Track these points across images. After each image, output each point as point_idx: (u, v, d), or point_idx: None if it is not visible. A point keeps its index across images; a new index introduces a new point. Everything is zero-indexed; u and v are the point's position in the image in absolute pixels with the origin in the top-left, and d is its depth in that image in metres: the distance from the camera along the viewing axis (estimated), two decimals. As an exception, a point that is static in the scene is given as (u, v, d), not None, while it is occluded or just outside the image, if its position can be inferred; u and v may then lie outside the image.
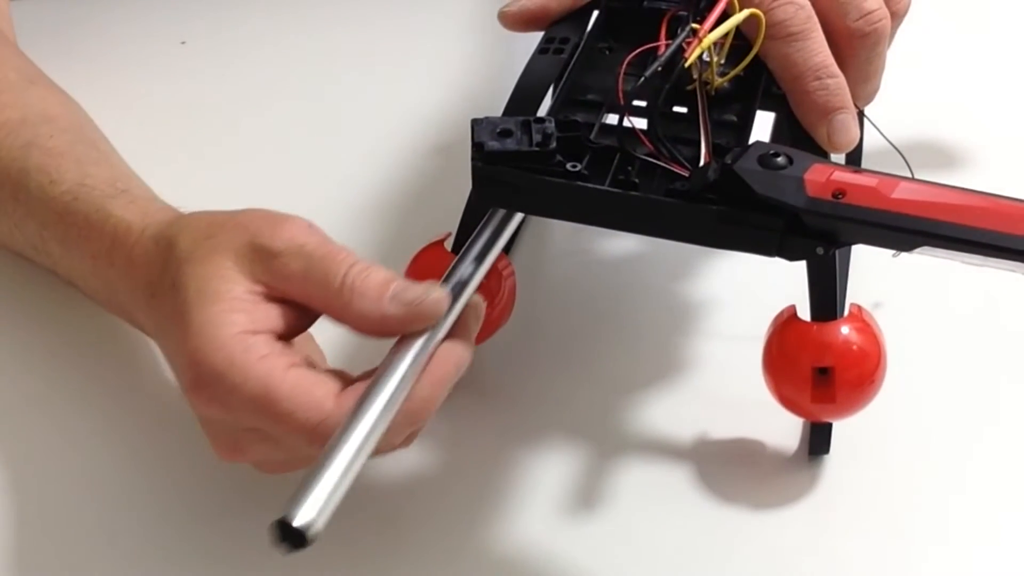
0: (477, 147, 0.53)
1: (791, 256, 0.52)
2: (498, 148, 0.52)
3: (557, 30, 0.61)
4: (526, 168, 0.52)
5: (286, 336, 0.53)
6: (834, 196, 0.50)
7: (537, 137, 0.53)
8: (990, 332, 0.67)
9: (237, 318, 0.52)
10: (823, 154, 0.57)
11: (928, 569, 0.57)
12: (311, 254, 0.53)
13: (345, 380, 0.51)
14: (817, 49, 0.57)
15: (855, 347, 0.57)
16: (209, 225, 0.55)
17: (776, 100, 0.58)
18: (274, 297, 0.53)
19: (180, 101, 0.80)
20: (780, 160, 0.52)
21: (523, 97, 0.57)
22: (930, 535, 0.58)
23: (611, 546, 0.57)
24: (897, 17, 0.60)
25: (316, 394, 0.50)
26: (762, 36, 0.56)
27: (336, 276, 0.52)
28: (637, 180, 0.53)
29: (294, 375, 0.50)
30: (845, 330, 0.57)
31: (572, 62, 0.58)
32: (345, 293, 0.52)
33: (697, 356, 0.66)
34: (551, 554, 0.57)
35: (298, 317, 0.53)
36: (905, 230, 0.50)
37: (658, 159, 0.54)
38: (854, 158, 0.69)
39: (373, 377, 0.50)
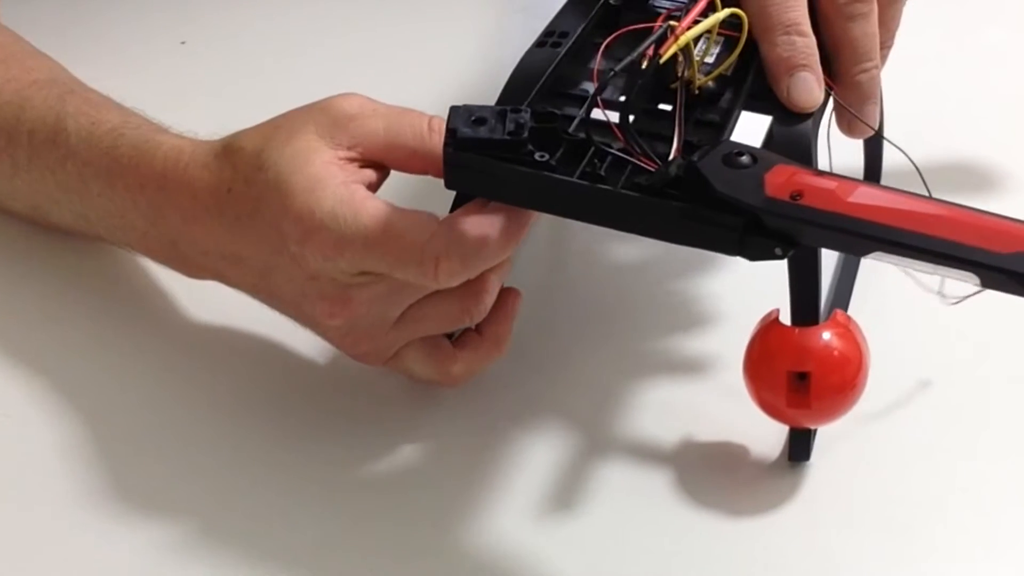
0: (450, 133, 0.53)
1: (752, 256, 0.52)
2: (470, 135, 0.53)
3: (558, 24, 0.61)
4: (496, 156, 0.53)
5: None
6: (792, 197, 0.50)
7: (510, 126, 0.53)
8: (975, 342, 0.66)
9: (336, 172, 0.56)
10: (805, 158, 0.57)
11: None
12: (387, 113, 0.58)
13: None
14: (793, 5, 0.57)
15: (835, 353, 0.57)
16: (268, 123, 0.59)
17: (764, 103, 0.58)
18: (358, 160, 0.57)
19: (180, 101, 0.79)
20: (744, 159, 0.51)
21: (516, 89, 0.58)
22: (909, 548, 0.58)
23: (585, 547, 0.57)
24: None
25: (422, 216, 0.55)
26: (744, 36, 0.56)
27: (421, 125, 0.57)
28: (603, 173, 0.53)
29: (398, 208, 0.55)
30: (826, 336, 0.57)
31: (563, 55, 0.59)
32: (436, 137, 0.57)
33: (690, 359, 0.65)
34: (525, 552, 0.57)
35: (378, 177, 0.58)
36: (858, 234, 0.49)
37: (631, 155, 0.54)
38: (872, 175, 0.69)
39: None
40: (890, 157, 0.69)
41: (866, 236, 0.49)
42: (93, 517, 0.58)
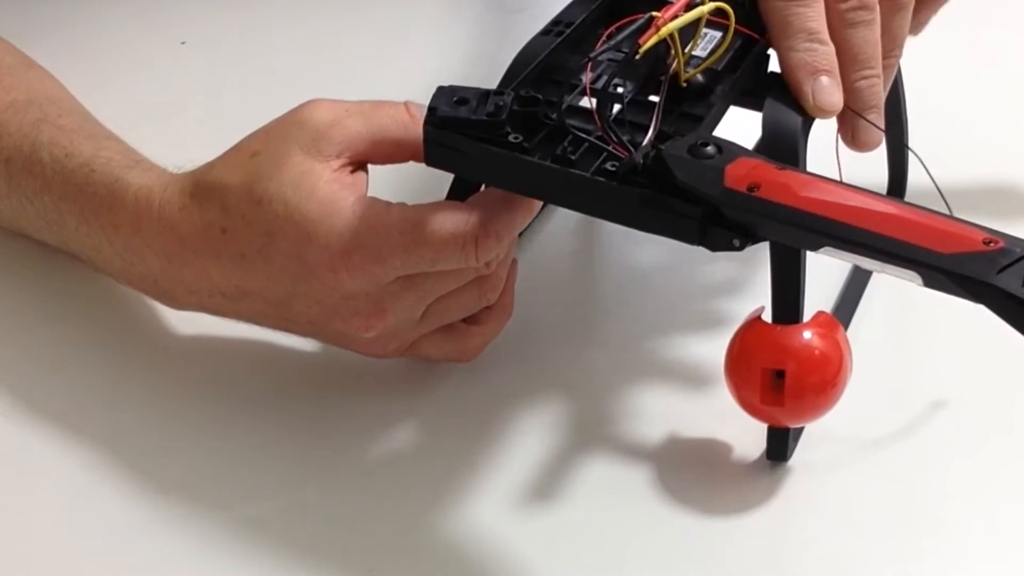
0: (431, 111, 0.54)
1: (712, 246, 0.52)
2: (449, 114, 0.54)
3: (566, 14, 0.62)
4: (472, 136, 0.54)
5: None
6: (748, 189, 0.50)
7: (490, 108, 0.54)
8: (960, 347, 0.66)
9: (347, 191, 0.56)
10: (791, 153, 0.56)
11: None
12: (361, 110, 0.58)
13: None
14: (814, 16, 0.58)
15: (814, 353, 0.57)
16: (237, 152, 0.59)
17: (755, 99, 0.58)
18: (348, 165, 0.58)
19: (180, 101, 0.81)
20: (709, 150, 0.52)
21: (513, 75, 0.59)
22: (883, 550, 0.57)
23: (562, 539, 0.58)
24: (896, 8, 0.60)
25: (445, 206, 0.56)
26: (732, 31, 0.57)
27: (401, 115, 0.58)
28: (575, 158, 0.53)
29: (420, 206, 0.56)
30: (806, 335, 0.57)
31: (559, 42, 0.59)
32: (418, 122, 0.57)
33: (683, 358, 0.66)
34: (502, 541, 0.57)
35: (367, 179, 0.59)
36: (808, 228, 0.49)
37: (607, 142, 0.54)
38: (896, 190, 0.69)
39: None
40: (915, 174, 0.69)
41: (814, 231, 0.49)
42: (92, 514, 0.59)
